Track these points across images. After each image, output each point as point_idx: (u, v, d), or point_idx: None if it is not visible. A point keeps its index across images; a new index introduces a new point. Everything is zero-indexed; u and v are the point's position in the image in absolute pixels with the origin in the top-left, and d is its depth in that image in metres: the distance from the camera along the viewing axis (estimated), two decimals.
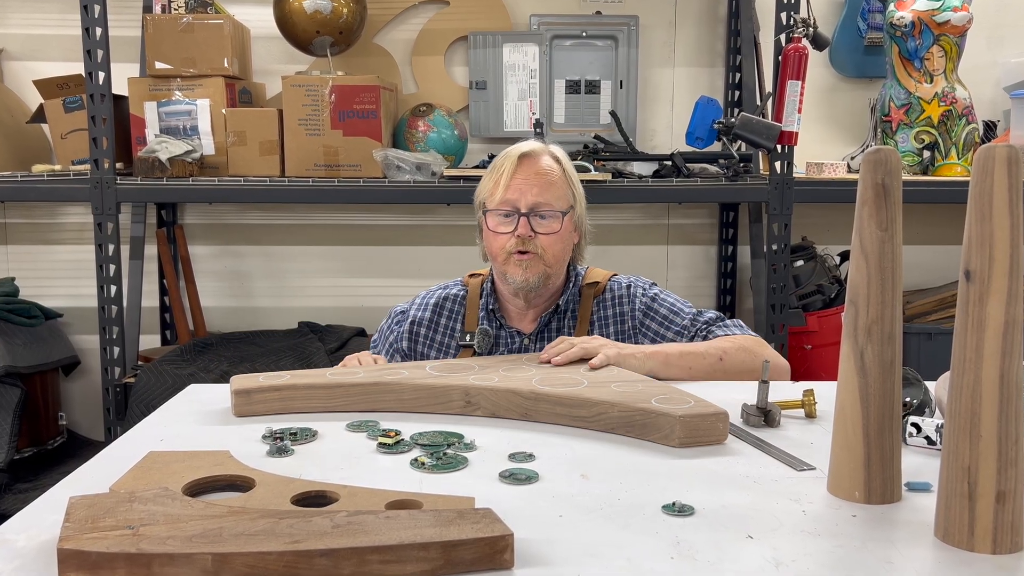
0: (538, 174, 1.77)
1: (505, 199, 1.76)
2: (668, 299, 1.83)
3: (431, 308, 1.87)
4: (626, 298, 1.83)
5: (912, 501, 1.04)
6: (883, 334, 1.01)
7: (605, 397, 1.31)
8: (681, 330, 1.79)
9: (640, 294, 1.83)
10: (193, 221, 3.54)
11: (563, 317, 1.82)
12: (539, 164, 1.79)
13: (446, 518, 0.88)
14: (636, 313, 1.81)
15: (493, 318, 1.85)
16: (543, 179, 1.77)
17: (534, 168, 1.78)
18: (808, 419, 1.38)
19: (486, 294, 1.87)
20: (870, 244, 1.01)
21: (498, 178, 1.78)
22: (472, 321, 1.85)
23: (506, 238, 1.76)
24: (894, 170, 1.00)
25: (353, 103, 2.96)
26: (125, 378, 2.90)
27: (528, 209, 1.75)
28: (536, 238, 1.75)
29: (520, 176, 1.77)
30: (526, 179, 1.76)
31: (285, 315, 3.52)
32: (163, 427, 1.34)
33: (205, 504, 0.93)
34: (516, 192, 1.75)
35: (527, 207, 1.75)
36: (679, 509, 0.99)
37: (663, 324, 1.80)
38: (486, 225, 1.79)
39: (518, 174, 1.77)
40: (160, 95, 2.98)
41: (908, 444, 1.22)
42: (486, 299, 1.86)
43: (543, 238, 1.75)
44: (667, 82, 3.54)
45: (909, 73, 3.22)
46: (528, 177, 1.76)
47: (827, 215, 3.51)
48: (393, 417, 1.38)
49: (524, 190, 1.75)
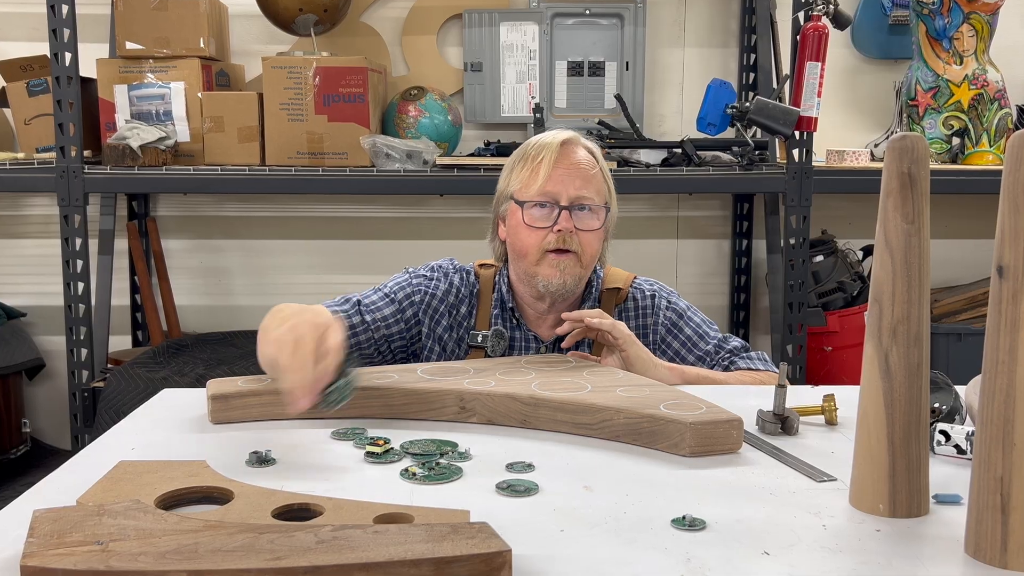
0: (580, 165, 1.73)
1: (544, 191, 1.70)
2: (695, 318, 1.81)
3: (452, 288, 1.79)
4: (650, 310, 1.80)
5: (940, 515, 1.04)
6: (909, 335, 1.01)
7: (610, 403, 1.31)
8: (703, 355, 1.78)
9: (665, 307, 1.80)
10: (166, 213, 3.54)
11: None
12: (579, 155, 1.75)
13: (439, 533, 0.88)
14: (659, 328, 1.80)
15: (510, 317, 1.79)
16: (584, 171, 1.73)
17: (575, 158, 1.74)
18: (829, 426, 1.38)
19: (500, 289, 1.80)
20: (895, 238, 1.01)
21: (535, 167, 1.72)
22: (484, 319, 1.79)
23: (542, 234, 1.70)
24: (921, 158, 1.00)
25: (339, 86, 2.96)
26: (93, 382, 2.90)
27: (570, 202, 1.70)
28: (576, 234, 1.70)
29: (561, 166, 1.72)
30: (568, 170, 1.72)
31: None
32: (134, 435, 1.34)
33: (179, 518, 0.93)
34: (558, 183, 1.70)
35: (569, 200, 1.70)
36: (690, 523, 0.99)
37: (685, 345, 1.79)
38: (521, 219, 1.72)
39: (559, 164, 1.72)
40: (131, 77, 2.98)
41: (936, 453, 1.22)
42: (500, 294, 1.80)
43: (584, 235, 1.71)
44: (677, 64, 3.54)
45: (937, 54, 3.22)
46: (570, 168, 1.72)
47: (849, 207, 3.51)
48: (382, 424, 1.37)
49: (566, 181, 1.71)
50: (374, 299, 1.77)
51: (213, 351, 3.13)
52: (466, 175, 2.88)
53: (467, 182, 2.89)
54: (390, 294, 1.78)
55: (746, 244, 3.57)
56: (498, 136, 3.33)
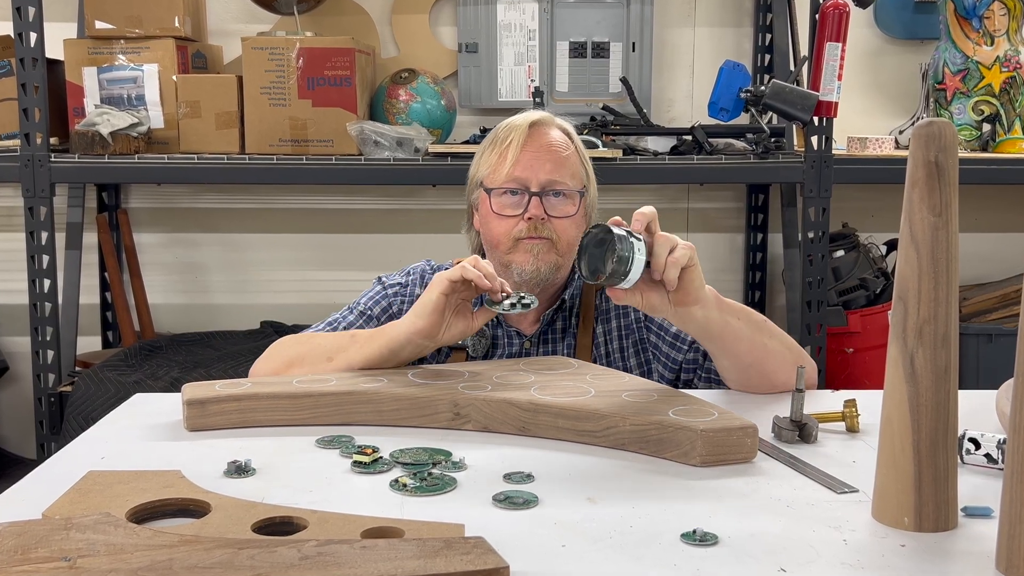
0: (551, 147, 1.74)
1: (513, 176, 1.72)
2: None
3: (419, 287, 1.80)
4: None
5: (970, 528, 1.04)
6: (936, 336, 1.01)
7: (615, 408, 1.31)
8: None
9: None
10: (139, 205, 3.53)
11: (568, 314, 1.82)
12: (550, 136, 1.76)
13: (431, 548, 0.88)
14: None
15: None
16: (556, 153, 1.74)
17: (546, 140, 1.75)
18: (850, 434, 1.38)
19: None
20: (921, 231, 1.01)
21: (503, 151, 1.74)
22: None
23: (513, 222, 1.72)
24: (949, 146, 1.00)
25: (324, 69, 2.95)
26: (60, 386, 2.90)
27: (540, 187, 1.72)
28: (549, 221, 1.71)
29: (530, 149, 1.73)
30: (537, 153, 1.73)
31: (245, 313, 3.52)
32: (104, 443, 1.34)
33: (153, 532, 0.93)
34: (526, 168, 1.72)
35: (539, 185, 1.72)
36: (700, 538, 0.99)
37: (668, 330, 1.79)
38: (490, 207, 1.75)
39: (528, 147, 1.73)
40: (101, 59, 2.98)
41: (965, 463, 1.22)
42: None
43: (557, 222, 1.72)
44: (687, 44, 3.54)
45: (966, 34, 3.22)
46: (539, 151, 1.73)
47: (871, 198, 3.51)
48: (370, 431, 1.37)
49: (536, 166, 1.72)
50: (351, 320, 1.78)
51: (189, 353, 3.13)
52: (460, 164, 2.87)
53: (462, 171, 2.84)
54: (366, 311, 1.79)
55: (761, 238, 3.58)
56: (495, 122, 3.29)
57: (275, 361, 1.62)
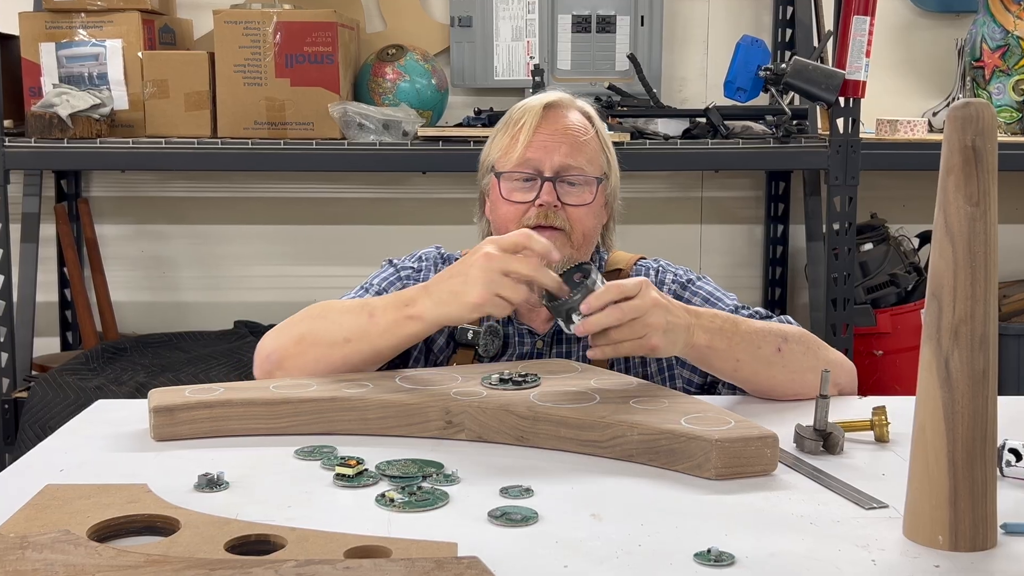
0: (567, 130, 1.75)
1: (525, 159, 1.73)
2: (705, 287, 1.82)
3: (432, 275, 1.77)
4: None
5: (1009, 547, 1.04)
6: (973, 336, 1.01)
7: (622, 416, 1.31)
8: None
9: (670, 280, 1.82)
10: (101, 194, 3.53)
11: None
12: (568, 119, 1.77)
13: (421, 569, 0.88)
14: None
15: None
16: (573, 137, 1.75)
17: (562, 123, 1.76)
18: (879, 444, 1.38)
19: None
20: (957, 223, 1.01)
21: (515, 133, 1.75)
22: None
23: (523, 208, 1.72)
24: (987, 129, 1.00)
25: (303, 45, 2.95)
26: (15, 392, 2.90)
27: (554, 172, 1.72)
28: (563, 209, 1.72)
29: (544, 131, 1.74)
30: (552, 135, 1.74)
31: (217, 312, 3.51)
32: (63, 454, 1.34)
33: (117, 551, 0.93)
34: (539, 150, 1.73)
35: (553, 170, 1.72)
36: (716, 558, 1.00)
37: None
38: (499, 192, 1.75)
39: (542, 129, 1.74)
40: (60, 34, 2.97)
41: (1005, 475, 1.22)
42: None
43: (572, 210, 1.72)
44: (700, 18, 3.54)
45: (1007, 6, 3.22)
46: (555, 133, 1.74)
47: (902, 186, 3.51)
48: (354, 441, 1.37)
49: (550, 148, 1.73)
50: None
51: (156, 355, 3.13)
52: (453, 148, 2.88)
53: (454, 157, 2.88)
54: (380, 293, 1.78)
55: (782, 230, 3.58)
56: (490, 103, 3.32)
57: (284, 336, 1.61)
